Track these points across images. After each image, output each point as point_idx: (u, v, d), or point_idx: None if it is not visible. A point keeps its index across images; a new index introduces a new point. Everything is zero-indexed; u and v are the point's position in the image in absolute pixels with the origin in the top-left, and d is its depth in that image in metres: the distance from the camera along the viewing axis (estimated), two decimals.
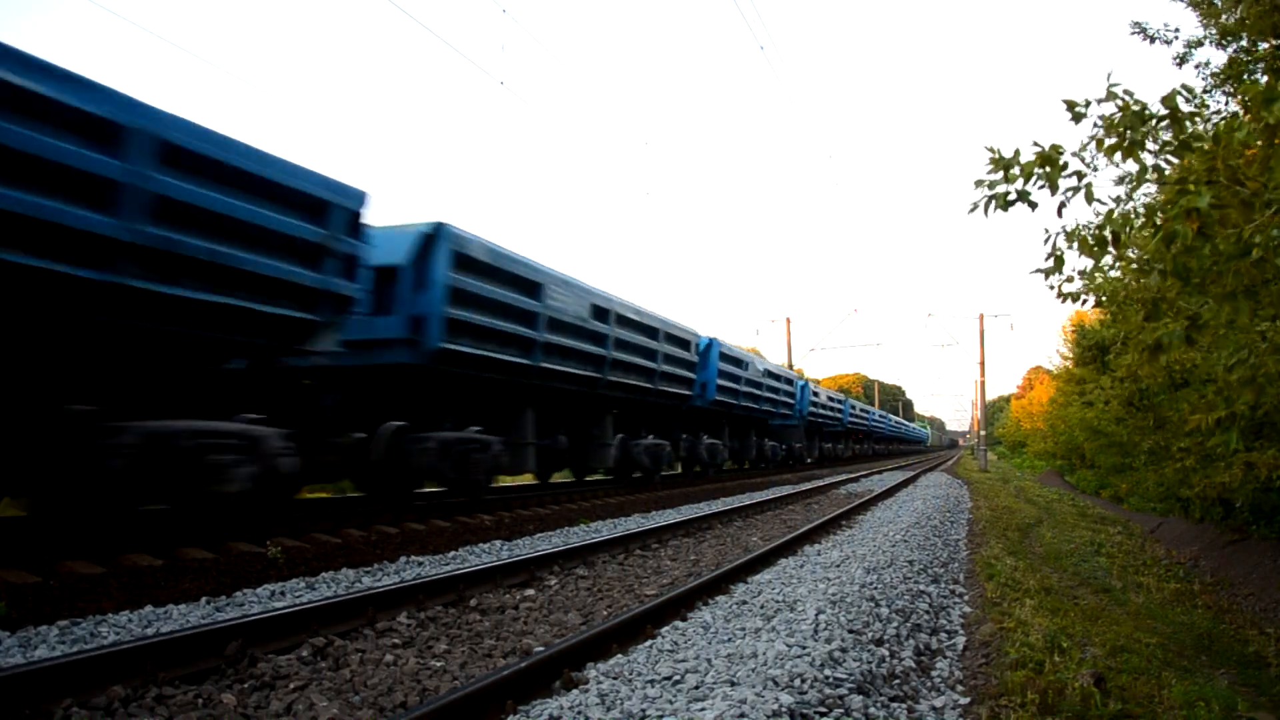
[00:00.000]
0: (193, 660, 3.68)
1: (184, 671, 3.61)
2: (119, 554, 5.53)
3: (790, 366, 36.55)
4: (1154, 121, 3.39)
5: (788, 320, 37.77)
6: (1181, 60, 10.76)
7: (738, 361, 17.79)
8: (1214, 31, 10.23)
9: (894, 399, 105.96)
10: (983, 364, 36.05)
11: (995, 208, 3.60)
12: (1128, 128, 3.39)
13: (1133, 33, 11.10)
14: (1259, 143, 3.26)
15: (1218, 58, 10.70)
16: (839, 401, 32.03)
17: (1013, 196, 3.57)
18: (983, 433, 37.77)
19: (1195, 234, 3.19)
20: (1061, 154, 3.49)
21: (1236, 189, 3.15)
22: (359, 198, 6.49)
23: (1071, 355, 33.76)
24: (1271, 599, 9.82)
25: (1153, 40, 10.89)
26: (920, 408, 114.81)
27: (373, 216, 6.75)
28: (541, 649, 4.12)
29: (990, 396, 62.39)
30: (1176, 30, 10.79)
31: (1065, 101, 3.50)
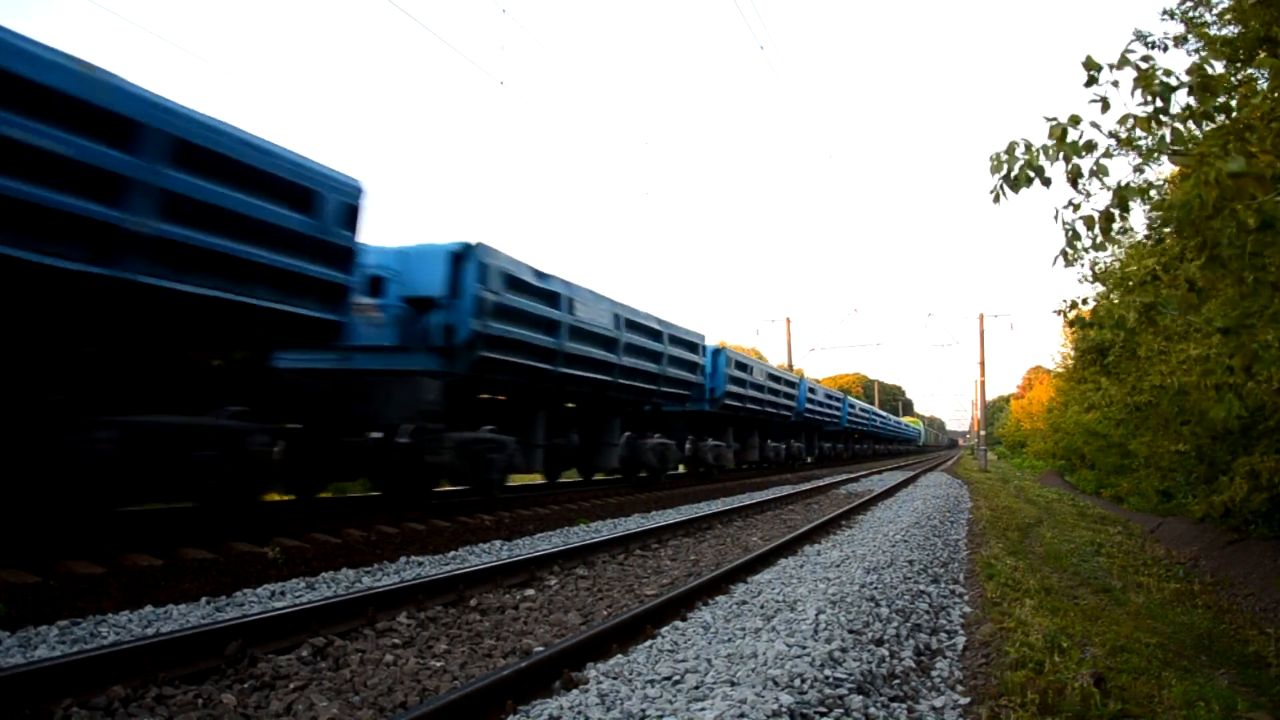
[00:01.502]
0: (193, 660, 3.68)
1: (184, 671, 3.61)
2: (119, 554, 5.54)
3: (790, 367, 36.49)
4: (1179, 90, 3.34)
5: (788, 320, 37.79)
6: (1180, 40, 10.71)
7: None
8: (1204, 48, 10.24)
9: (894, 399, 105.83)
10: (983, 364, 36.06)
11: (1012, 184, 3.56)
12: (1156, 95, 3.34)
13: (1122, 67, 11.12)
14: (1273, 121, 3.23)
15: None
16: (734, 366, 17.84)
17: (1030, 173, 3.52)
18: (983, 433, 37.75)
19: (1214, 201, 3.15)
20: (1079, 123, 3.43)
21: (1255, 162, 3.11)
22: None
23: (1073, 354, 33.79)
24: (1271, 599, 9.82)
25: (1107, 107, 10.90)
26: (920, 408, 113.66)
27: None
28: (541, 649, 4.12)
29: (990, 396, 62.33)
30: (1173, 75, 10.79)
31: (1085, 63, 3.48)
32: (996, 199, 3.60)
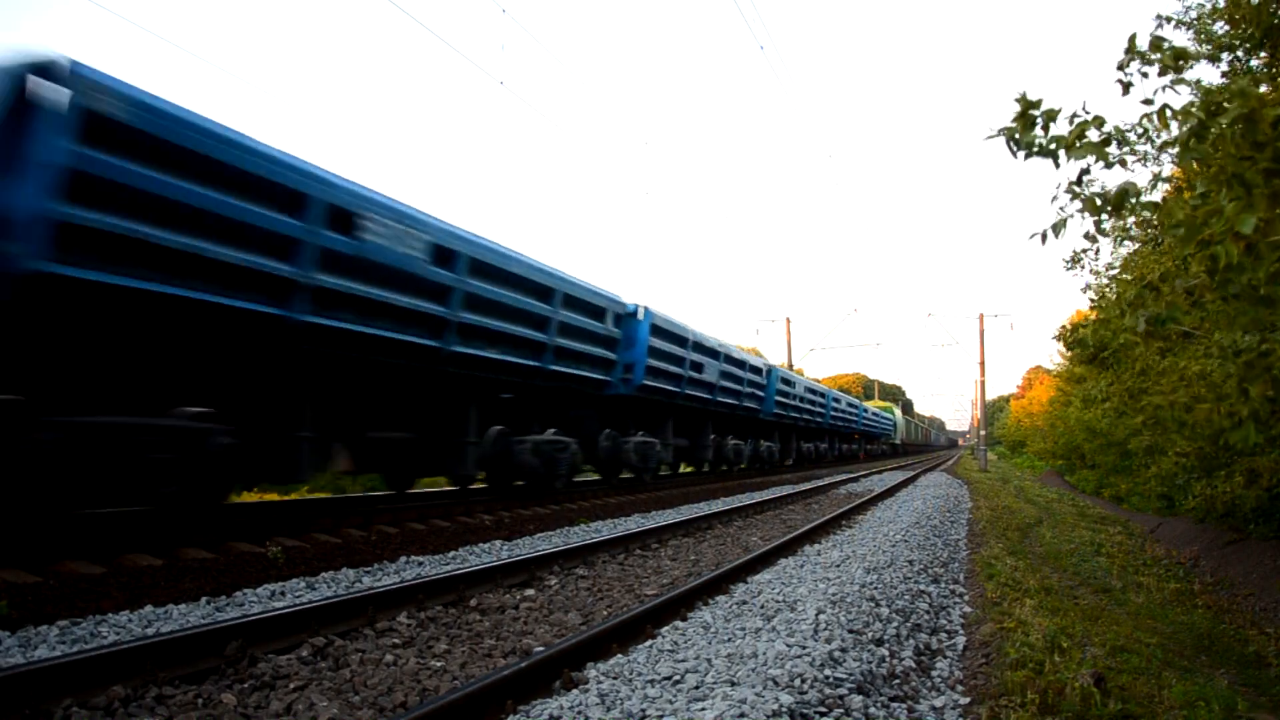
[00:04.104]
0: (193, 660, 3.68)
1: (184, 671, 3.61)
2: (119, 554, 5.54)
3: (790, 366, 36.45)
4: (1232, 117, 3.26)
5: (787, 320, 37.80)
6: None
7: None
8: (1208, 46, 10.23)
9: (894, 399, 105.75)
10: (983, 364, 36.05)
11: (1018, 151, 3.43)
12: (1197, 129, 3.26)
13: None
14: None
15: (1210, 74, 10.76)
16: (662, 336, 13.11)
17: (1037, 147, 3.41)
18: (983, 432, 37.73)
19: (1241, 253, 3.10)
20: (1103, 124, 3.32)
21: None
22: None
23: (1070, 354, 33.80)
24: (1271, 599, 9.82)
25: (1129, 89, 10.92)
26: (920, 407, 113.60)
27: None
28: (541, 649, 4.12)
29: (990, 396, 61.96)
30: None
31: (1120, 83, 3.43)
32: (1016, 153, 3.47)
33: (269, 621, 4.10)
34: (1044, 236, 3.67)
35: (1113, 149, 3.37)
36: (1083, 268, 13.59)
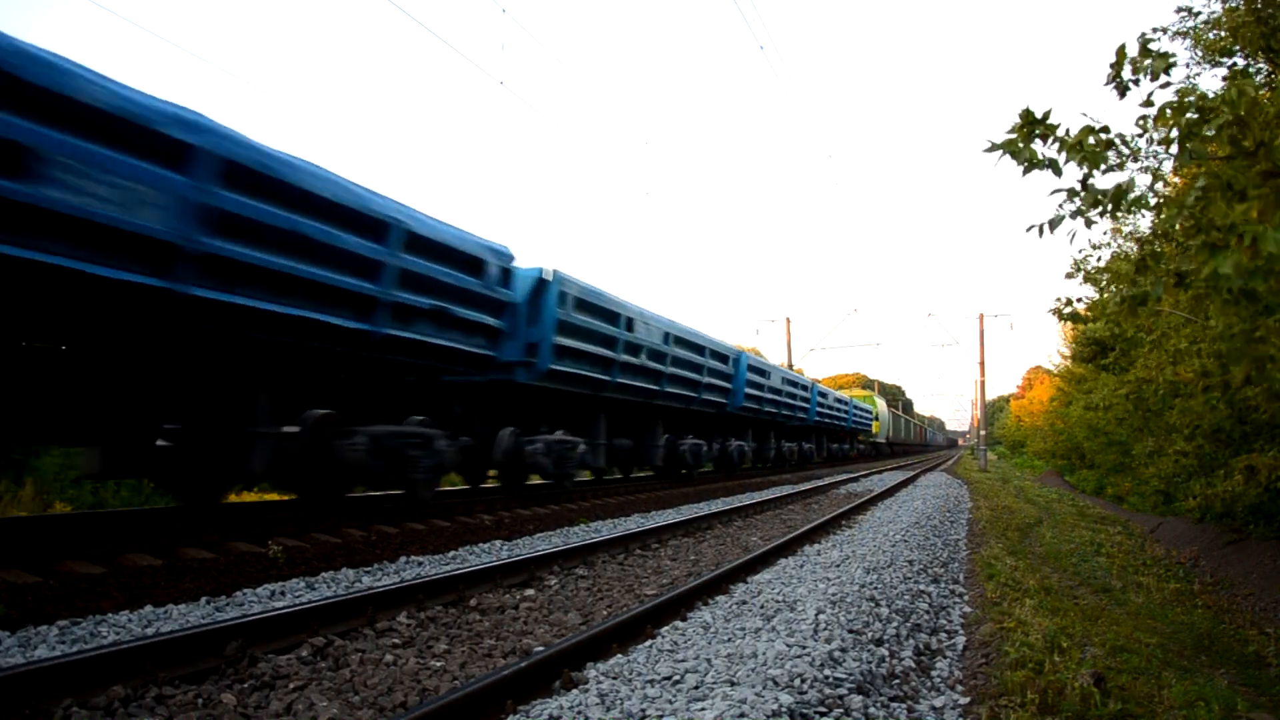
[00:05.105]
0: (193, 660, 3.68)
1: (184, 671, 3.61)
2: (119, 554, 5.54)
3: (790, 366, 36.47)
4: (1219, 124, 3.22)
5: (788, 320, 37.81)
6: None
7: None
8: (1204, 54, 10.20)
9: (894, 399, 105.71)
10: (983, 364, 36.05)
11: (1019, 166, 3.41)
12: (1189, 129, 3.23)
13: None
14: None
15: (1210, 83, 10.78)
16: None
17: (1040, 157, 3.38)
18: (983, 432, 37.70)
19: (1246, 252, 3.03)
20: (1109, 131, 3.30)
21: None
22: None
23: (1070, 353, 33.77)
24: (1271, 599, 9.82)
25: (1126, 92, 10.92)
26: (920, 407, 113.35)
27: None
28: (541, 649, 4.12)
29: (990, 396, 61.86)
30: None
31: (1115, 85, 3.41)
32: (1024, 170, 3.45)
33: (269, 621, 4.10)
34: (1040, 230, 3.63)
35: (1112, 154, 3.36)
36: (1085, 276, 13.61)
